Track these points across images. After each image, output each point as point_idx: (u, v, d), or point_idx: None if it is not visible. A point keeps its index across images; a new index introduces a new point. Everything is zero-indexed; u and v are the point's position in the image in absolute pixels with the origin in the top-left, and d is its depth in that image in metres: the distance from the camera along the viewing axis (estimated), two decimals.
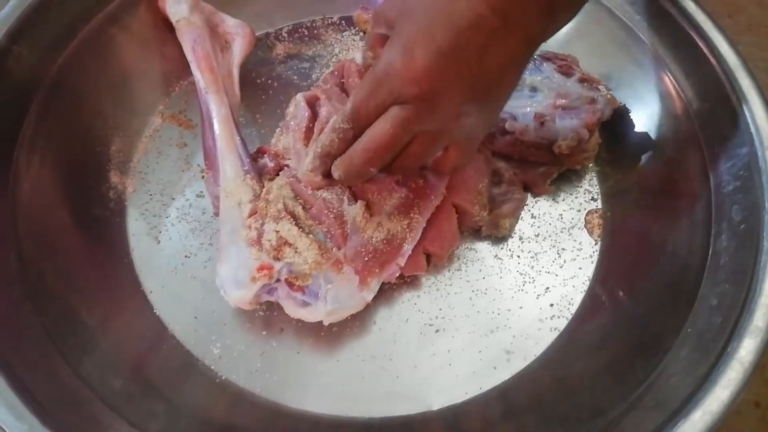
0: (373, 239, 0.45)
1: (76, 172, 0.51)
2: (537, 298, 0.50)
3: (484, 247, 0.51)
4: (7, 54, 0.47)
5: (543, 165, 0.52)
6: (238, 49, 0.55)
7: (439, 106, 0.37)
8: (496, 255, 0.51)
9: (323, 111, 0.49)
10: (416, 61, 0.35)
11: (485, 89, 0.37)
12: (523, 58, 0.38)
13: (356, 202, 0.45)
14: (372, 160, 0.39)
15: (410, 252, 0.46)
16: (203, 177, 0.53)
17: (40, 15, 0.48)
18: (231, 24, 0.55)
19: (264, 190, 0.46)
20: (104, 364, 0.44)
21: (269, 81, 0.58)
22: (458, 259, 0.51)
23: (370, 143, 0.39)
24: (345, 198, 0.45)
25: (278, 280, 0.43)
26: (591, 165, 0.55)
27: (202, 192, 0.53)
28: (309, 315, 0.44)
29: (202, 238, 0.51)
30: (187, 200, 0.53)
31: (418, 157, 0.41)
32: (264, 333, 0.47)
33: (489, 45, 0.35)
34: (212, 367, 0.46)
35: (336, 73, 0.53)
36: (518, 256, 0.51)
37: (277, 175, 0.48)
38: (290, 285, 0.43)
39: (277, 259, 0.43)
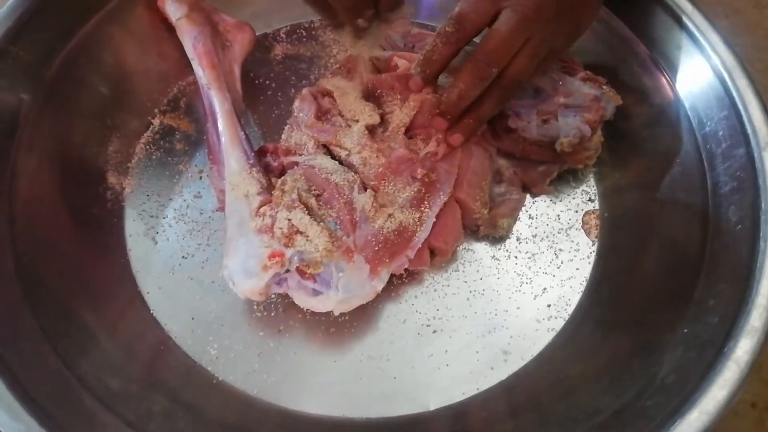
0: (384, 229, 0.45)
1: (74, 172, 0.51)
2: (534, 298, 0.50)
3: (481, 248, 0.52)
4: (5, 54, 0.47)
5: (543, 164, 0.52)
6: (239, 48, 0.55)
7: (543, 10, 0.43)
8: (494, 256, 0.51)
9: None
10: None
11: (574, 6, 0.45)
12: None
13: (366, 191, 0.46)
14: (494, 61, 0.44)
15: (420, 245, 0.46)
16: (201, 177, 0.53)
17: (38, 15, 0.48)
18: (231, 23, 0.56)
19: (280, 181, 0.46)
20: (101, 364, 0.44)
21: (267, 82, 0.58)
22: (456, 260, 0.51)
23: (491, 44, 0.43)
24: (356, 186, 0.46)
25: (288, 270, 0.43)
26: (589, 166, 0.55)
27: (199, 192, 0.53)
28: (320, 304, 0.44)
29: (199, 239, 0.51)
30: (184, 201, 0.53)
31: (527, 67, 0.45)
32: (261, 334, 0.47)
33: None
34: (209, 368, 0.46)
35: (342, 68, 0.53)
36: (516, 257, 0.51)
37: (281, 173, 0.48)
38: (301, 273, 0.43)
39: (287, 246, 0.43)
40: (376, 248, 0.45)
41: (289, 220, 0.43)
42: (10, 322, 0.41)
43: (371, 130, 0.49)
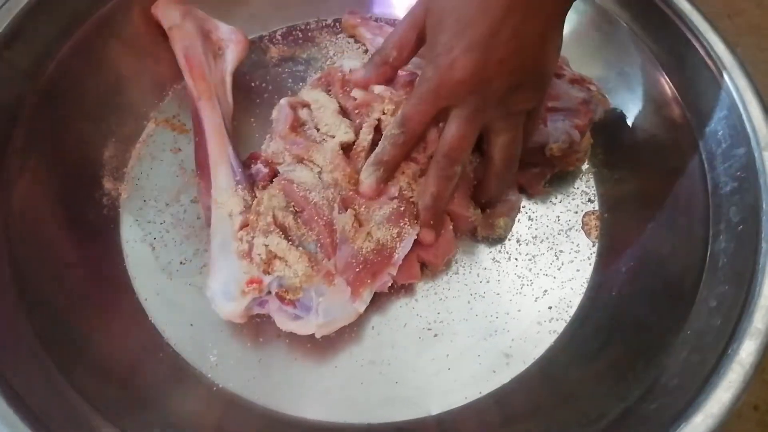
0: (363, 249, 0.44)
1: (70, 178, 0.50)
2: (535, 300, 0.49)
3: (481, 251, 0.51)
4: None
5: (536, 166, 0.52)
6: (231, 56, 0.54)
7: (492, 92, 0.39)
8: (494, 258, 0.51)
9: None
10: (457, 65, 0.38)
11: (531, 59, 0.39)
12: (561, 15, 0.39)
13: (346, 211, 0.45)
14: (455, 160, 0.43)
15: (401, 261, 0.45)
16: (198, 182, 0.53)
17: (32, 20, 0.48)
18: (224, 30, 0.55)
19: (255, 202, 0.45)
20: (98, 372, 0.43)
21: (263, 84, 0.58)
22: (456, 263, 0.50)
23: (445, 149, 0.42)
24: (335, 206, 0.44)
25: (269, 293, 0.43)
26: (588, 166, 0.55)
27: (196, 197, 0.52)
28: (300, 328, 0.43)
29: (197, 244, 0.50)
30: (181, 206, 0.52)
31: (508, 146, 0.44)
32: (261, 340, 0.47)
33: (525, 20, 0.37)
34: (209, 375, 0.46)
35: (322, 80, 0.52)
36: (516, 259, 0.51)
37: (272, 181, 0.48)
38: (281, 299, 0.42)
39: (267, 272, 0.42)
40: (357, 269, 0.43)
41: (266, 246, 0.42)
42: (6, 329, 0.41)
43: (345, 147, 0.47)
